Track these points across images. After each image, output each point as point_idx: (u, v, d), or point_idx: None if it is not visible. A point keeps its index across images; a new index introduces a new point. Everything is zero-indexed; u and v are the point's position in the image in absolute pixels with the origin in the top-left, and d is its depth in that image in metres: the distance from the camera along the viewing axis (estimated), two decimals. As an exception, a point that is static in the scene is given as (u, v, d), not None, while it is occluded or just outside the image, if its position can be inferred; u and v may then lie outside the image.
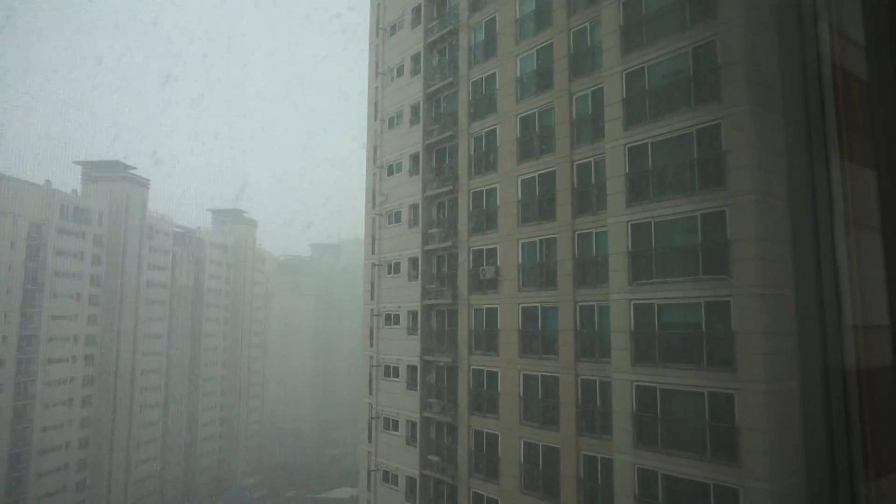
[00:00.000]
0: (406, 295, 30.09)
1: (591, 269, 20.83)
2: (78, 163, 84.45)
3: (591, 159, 21.12)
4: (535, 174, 23.29)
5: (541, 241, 22.82)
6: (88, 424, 76.57)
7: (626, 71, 18.33)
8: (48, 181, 76.69)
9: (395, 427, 30.11)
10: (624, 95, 18.36)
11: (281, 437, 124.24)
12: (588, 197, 21.15)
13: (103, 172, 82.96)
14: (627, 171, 17.97)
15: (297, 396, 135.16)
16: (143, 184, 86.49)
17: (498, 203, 24.93)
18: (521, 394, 22.90)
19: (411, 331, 29.55)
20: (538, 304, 22.67)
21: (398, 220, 31.47)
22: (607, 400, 19.25)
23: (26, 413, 68.35)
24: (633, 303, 17.51)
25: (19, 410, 67.63)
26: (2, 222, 67.34)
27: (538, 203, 23.15)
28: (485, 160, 26.11)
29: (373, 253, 33.39)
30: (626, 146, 18.06)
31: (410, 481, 28.76)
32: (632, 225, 17.66)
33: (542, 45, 23.68)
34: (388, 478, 30.42)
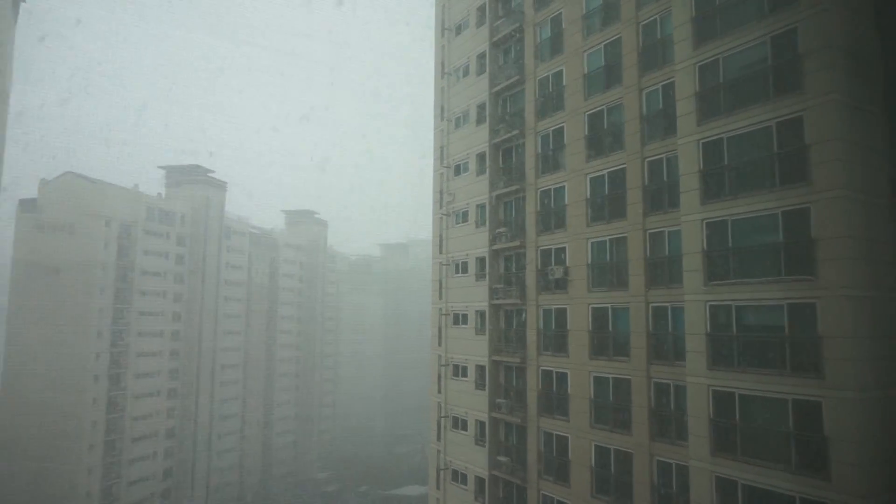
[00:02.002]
0: (474, 294, 30.12)
1: (663, 269, 20.19)
2: (162, 167, 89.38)
3: (662, 156, 20.47)
4: (605, 172, 22.79)
5: (611, 240, 22.32)
6: (174, 415, 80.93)
7: (699, 63, 17.63)
8: (136, 185, 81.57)
9: (464, 426, 30.21)
10: (697, 89, 17.67)
11: (352, 433, 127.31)
12: (660, 195, 20.51)
13: (185, 176, 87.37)
14: (702, 167, 17.29)
15: (367, 394, 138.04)
16: (221, 186, 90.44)
17: (566, 202, 24.55)
18: (592, 396, 22.48)
19: (479, 330, 29.56)
20: (609, 305, 22.18)
21: (465, 219, 31.54)
22: (682, 404, 18.62)
23: (119, 403, 72.96)
24: (709, 304, 16.84)
25: (113, 400, 72.27)
26: (96, 224, 72.06)
27: (608, 201, 22.64)
28: (552, 158, 25.76)
29: (441, 252, 33.61)
30: (700, 142, 17.38)
31: (479, 481, 28.79)
32: (707, 223, 16.99)
33: (610, 39, 23.13)
34: (458, 477, 30.57)
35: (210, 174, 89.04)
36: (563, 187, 24.80)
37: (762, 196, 15.62)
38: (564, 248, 24.45)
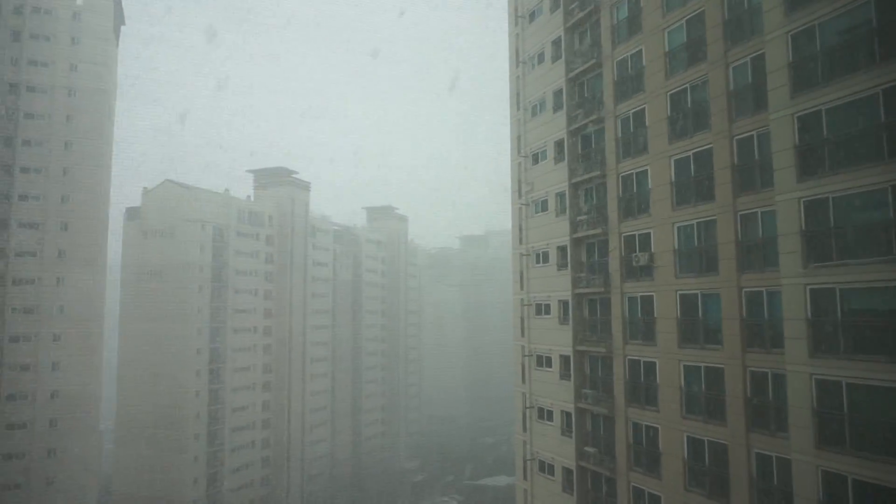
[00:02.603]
0: (556, 284, 29.78)
1: (756, 252, 19.19)
2: (250, 171, 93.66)
3: (752, 133, 19.43)
4: (690, 153, 21.89)
5: (698, 223, 21.43)
6: (269, 407, 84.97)
7: (792, 32, 16.56)
8: (227, 189, 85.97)
9: (550, 417, 29.99)
10: (790, 59, 16.62)
11: (437, 424, 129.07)
12: (750, 174, 19.49)
13: (271, 178, 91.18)
14: (797, 142, 16.27)
15: (451, 385, 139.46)
16: (305, 187, 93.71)
17: (649, 186, 23.79)
18: (682, 385, 21.73)
19: (562, 320, 29.21)
20: (698, 291, 21.34)
21: (545, 208, 31.19)
22: (781, 394, 17.66)
23: (219, 396, 77.41)
24: (809, 288, 15.87)
25: (213, 393, 76.76)
26: (193, 228, 76.56)
27: (694, 184, 21.74)
28: (633, 142, 25.01)
29: (520, 243, 33.42)
30: (795, 115, 16.35)
31: (567, 472, 28.53)
32: (804, 202, 15.98)
33: (693, 14, 22.14)
34: (545, 468, 30.41)
35: (294, 175, 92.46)
36: (646, 171, 24.03)
37: (868, 171, 14.52)
38: (649, 233, 23.71)
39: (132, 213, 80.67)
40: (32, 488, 56.31)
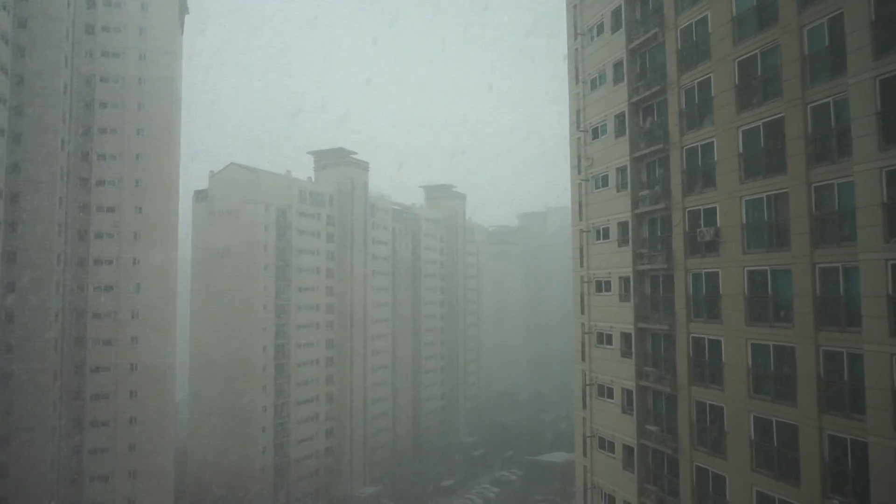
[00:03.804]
0: (616, 261, 29.25)
1: (832, 226, 18.24)
2: (311, 152, 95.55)
3: (828, 100, 18.34)
4: (759, 123, 20.90)
5: (768, 197, 20.51)
6: (332, 381, 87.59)
7: (876, -11, 15.47)
8: (289, 171, 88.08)
9: (610, 395, 29.70)
10: (872, 18, 15.54)
11: (497, 400, 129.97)
12: (826, 143, 18.45)
13: (330, 159, 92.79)
14: (879, 108, 15.27)
15: (510, 362, 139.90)
16: (364, 167, 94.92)
17: (715, 158, 22.88)
18: (750, 364, 21.05)
19: (623, 297, 28.72)
20: (767, 267, 20.51)
21: (605, 184, 30.55)
22: (858, 374, 16.86)
23: (284, 370, 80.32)
24: (890, 263, 15.01)
25: (279, 368, 79.72)
26: (257, 209, 79.02)
27: (764, 155, 20.77)
28: (698, 113, 24.07)
29: (580, 219, 32.92)
30: (877, 79, 15.33)
31: (627, 450, 28.27)
32: (887, 172, 15.04)
33: (764, -25, 20.94)
34: (605, 445, 30.23)
35: (353, 155, 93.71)
36: (712, 143, 23.12)
37: (958, 136, 13.52)
38: (714, 208, 22.88)
39: (200, 196, 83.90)
40: (118, 452, 60.28)
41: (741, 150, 21.61)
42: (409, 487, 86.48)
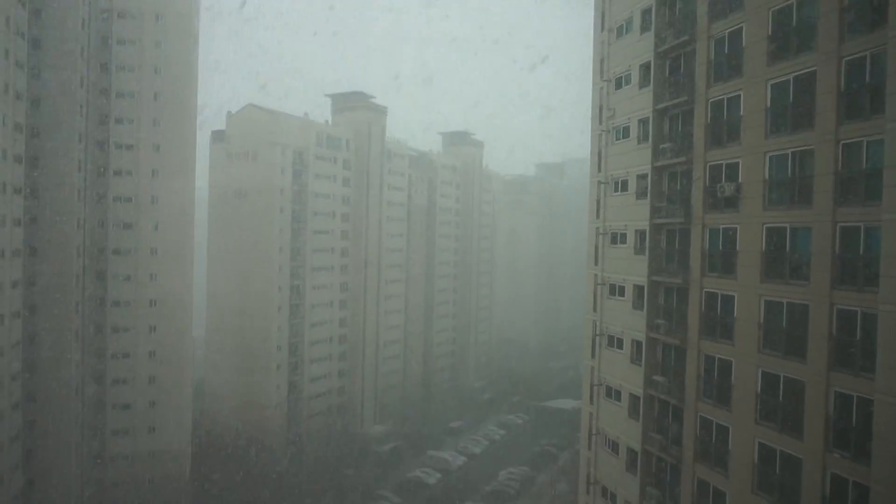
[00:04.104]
0: (633, 213, 29.14)
1: (857, 185, 17.99)
2: (328, 95, 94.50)
3: (865, 53, 17.77)
4: (790, 76, 20.36)
5: (793, 153, 20.19)
6: (345, 324, 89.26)
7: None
8: (306, 114, 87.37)
9: (620, 345, 30.14)
10: (918, -31, 14.92)
11: (506, 348, 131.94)
12: (858, 99, 18.00)
13: (348, 103, 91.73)
14: (916, 64, 14.84)
15: (522, 310, 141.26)
16: (381, 111, 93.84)
17: (741, 112, 22.44)
18: (761, 320, 21.20)
19: (638, 250, 28.76)
20: (786, 224, 20.39)
21: (626, 135, 30.13)
22: (870, 333, 16.97)
23: (299, 311, 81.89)
24: (912, 224, 14.88)
25: (294, 309, 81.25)
26: (274, 152, 78.90)
27: (792, 110, 20.33)
28: (727, 64, 23.45)
29: (599, 170, 32.65)
30: (917, 34, 14.83)
31: (634, 399, 28.87)
32: (918, 131, 14.74)
33: (807, -82, 20.00)
34: (612, 393, 30.87)
35: (371, 99, 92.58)
36: (739, 96, 22.62)
37: None
38: (737, 163, 22.60)
39: (217, 136, 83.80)
40: (137, 384, 62.48)
41: (769, 104, 21.15)
42: (418, 427, 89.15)
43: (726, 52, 23.48)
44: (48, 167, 53.59)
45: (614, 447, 30.50)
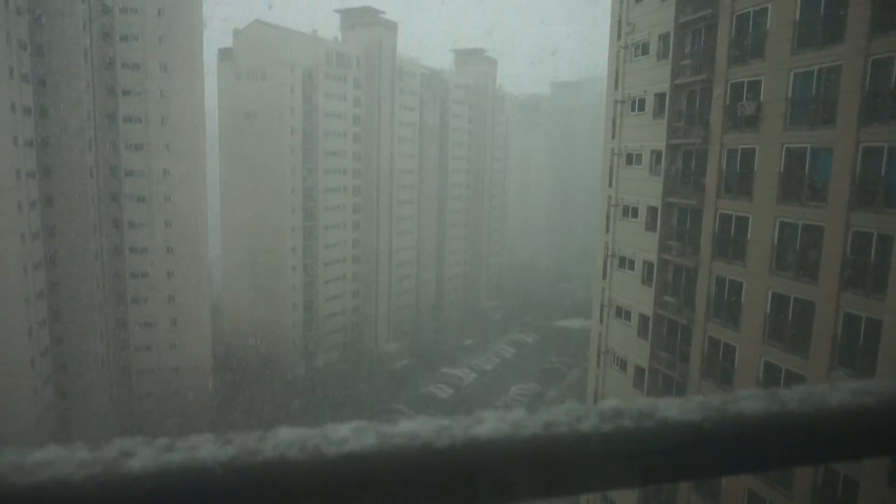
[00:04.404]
0: (650, 133, 28.57)
1: (885, 103, 17.44)
2: (337, 11, 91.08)
3: (904, -39, 16.77)
4: (822, -14, 19.34)
5: (820, 70, 19.47)
6: (358, 244, 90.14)
7: None
8: (314, 30, 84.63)
9: (631, 266, 30.34)
10: None
11: (518, 268, 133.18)
12: (891, 11, 17.14)
13: (358, 19, 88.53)
14: (959, -28, 14.01)
15: (534, 232, 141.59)
16: (392, 28, 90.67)
17: (767, 26, 21.49)
18: (775, 242, 21.18)
19: (654, 171, 28.41)
20: (807, 145, 19.96)
21: (646, 52, 29.07)
22: (884, 256, 16.96)
23: (313, 232, 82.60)
24: (938, 144, 14.52)
25: (308, 230, 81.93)
26: (283, 70, 77.11)
27: (821, 23, 19.43)
28: (756, -26, 22.24)
29: (616, 89, 31.74)
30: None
31: (643, 319, 29.36)
32: (953, 45, 14.11)
33: None
34: (621, 313, 31.37)
35: (381, 15, 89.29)
36: (766, 9, 21.59)
37: None
38: (760, 80, 21.86)
39: (225, 55, 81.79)
40: (157, 302, 64.30)
41: (797, 17, 20.21)
42: (430, 345, 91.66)
43: (756, -40, 22.21)
44: (56, 85, 52.96)
45: (622, 365, 31.32)
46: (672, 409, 0.64)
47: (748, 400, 0.66)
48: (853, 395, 0.67)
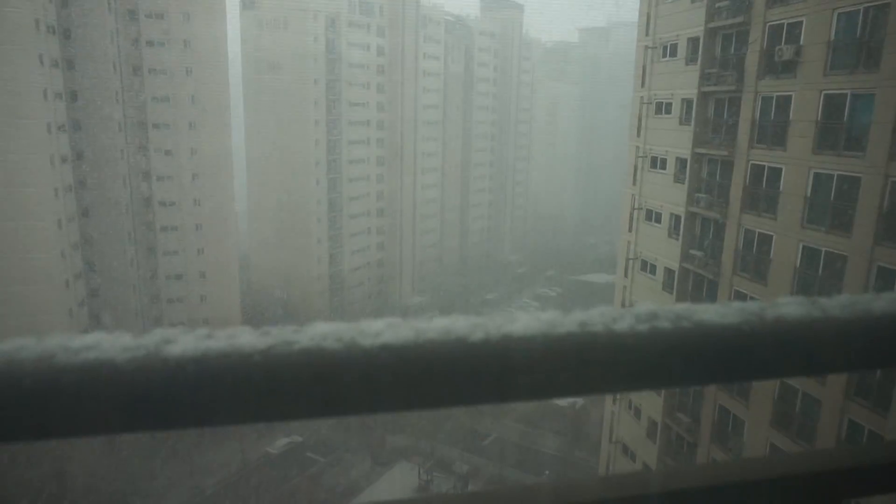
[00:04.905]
0: (681, 81, 27.52)
1: (932, 45, 16.44)
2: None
3: None
4: (872, -82, 18.04)
5: (865, 9, 18.35)
6: (383, 197, 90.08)
7: None
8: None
9: (658, 219, 29.77)
10: None
11: (543, 221, 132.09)
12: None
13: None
14: None
15: (559, 184, 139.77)
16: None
17: (811, -37, 20.24)
18: (808, 194, 20.48)
19: (684, 120, 27.50)
20: (847, 91, 19.01)
21: (679, -7, 27.74)
22: (923, 207, 16.29)
23: (337, 185, 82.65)
24: None
25: (332, 182, 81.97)
26: (304, 17, 75.83)
27: (869, -41, 18.22)
28: None
29: (647, 34, 30.50)
30: None
31: (669, 273, 28.96)
32: None
33: None
34: (646, 267, 30.98)
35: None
36: (810, -56, 20.30)
37: None
38: (800, 21, 20.74)
39: (247, 4, 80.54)
40: (187, 255, 65.51)
41: (843, -48, 18.97)
42: (454, 298, 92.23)
43: None
44: (82, 38, 52.92)
45: (646, 318, 31.06)
46: (710, 312, 0.62)
47: (789, 305, 0.64)
48: None
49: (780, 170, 21.74)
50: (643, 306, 0.64)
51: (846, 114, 19.15)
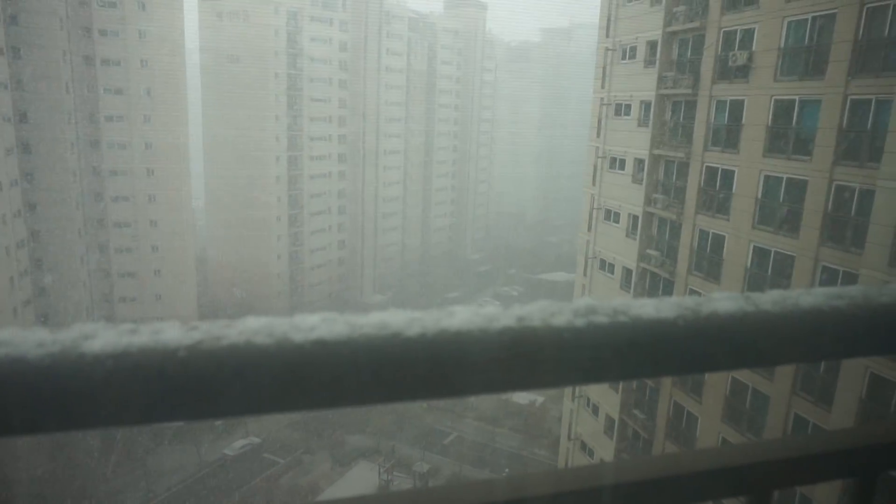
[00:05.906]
0: (640, 83, 28.04)
1: (876, 53, 17.11)
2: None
3: None
4: (820, -70, 18.67)
5: (814, 18, 19.00)
6: (344, 195, 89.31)
7: None
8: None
9: (616, 219, 30.28)
10: None
11: (504, 220, 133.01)
12: (891, -42, 16.63)
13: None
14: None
15: (521, 183, 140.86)
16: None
17: (763, -28, 20.84)
18: (759, 196, 21.11)
19: (642, 122, 28.03)
20: (796, 97, 19.66)
21: (638, -3, 28.23)
22: (865, 210, 16.94)
23: (297, 183, 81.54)
24: (927, 96, 14.30)
25: (292, 179, 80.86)
26: (266, 11, 74.51)
27: (818, -31, 18.86)
28: (753, -85, 21.44)
29: (607, 36, 30.97)
30: None
31: (626, 272, 29.50)
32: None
33: None
34: (605, 266, 31.49)
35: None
36: (762, -47, 20.90)
37: None
38: (753, 29, 21.35)
39: (204, -7, 78.70)
40: (141, 252, 63.73)
41: (793, -38, 19.59)
42: (416, 297, 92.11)
43: None
44: (28, 25, 50.85)
45: (604, 316, 31.57)
46: (647, 307, 0.63)
47: (723, 300, 0.65)
48: (826, 299, 0.67)
49: (733, 172, 22.36)
50: (582, 301, 0.64)
51: (794, 119, 19.81)
